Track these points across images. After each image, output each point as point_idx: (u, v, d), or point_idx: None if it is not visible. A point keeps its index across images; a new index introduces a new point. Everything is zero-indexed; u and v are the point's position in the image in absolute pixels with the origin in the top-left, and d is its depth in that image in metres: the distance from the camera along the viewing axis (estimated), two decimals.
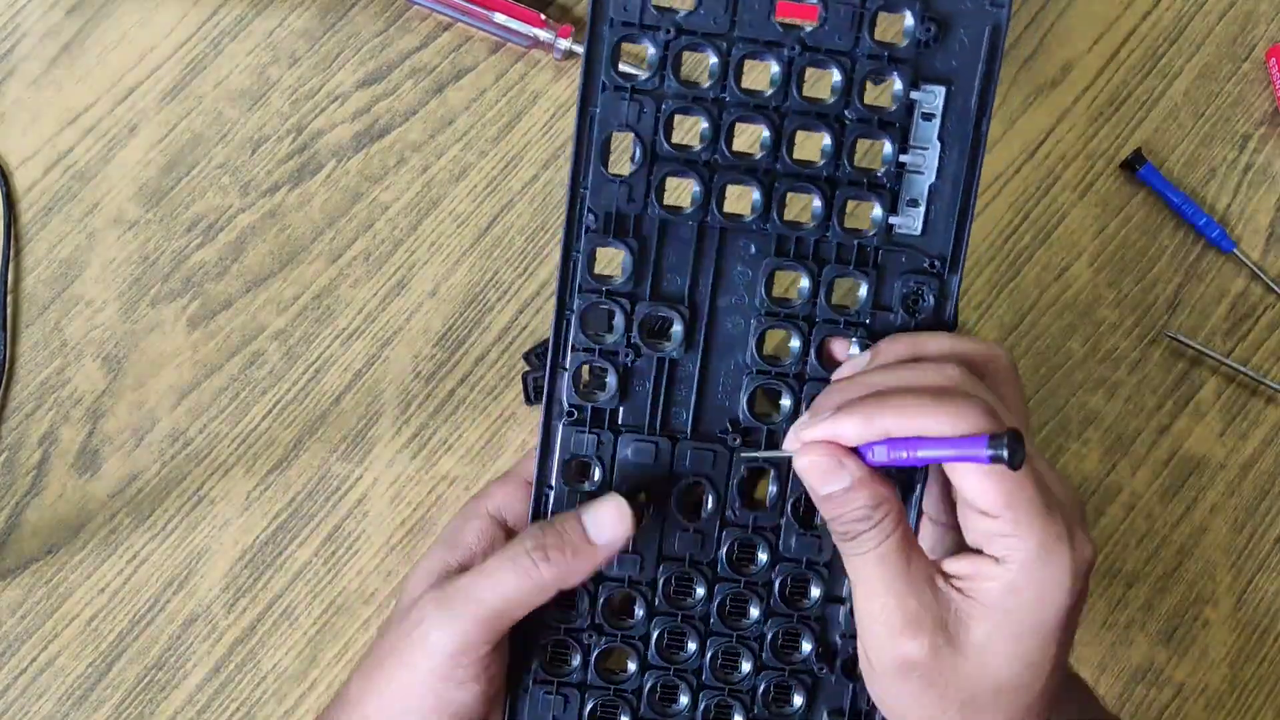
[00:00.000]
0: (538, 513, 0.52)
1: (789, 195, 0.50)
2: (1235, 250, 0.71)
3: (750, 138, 0.50)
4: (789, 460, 0.49)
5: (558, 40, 0.69)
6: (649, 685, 0.53)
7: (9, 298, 0.68)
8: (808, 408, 0.50)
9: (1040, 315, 0.70)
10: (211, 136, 0.70)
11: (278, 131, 0.71)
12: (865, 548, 0.45)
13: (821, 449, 0.45)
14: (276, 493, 0.67)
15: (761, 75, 0.49)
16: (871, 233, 0.50)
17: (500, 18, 0.69)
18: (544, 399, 0.51)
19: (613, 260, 0.51)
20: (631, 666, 0.53)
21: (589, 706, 0.53)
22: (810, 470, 0.46)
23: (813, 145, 0.50)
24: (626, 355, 0.51)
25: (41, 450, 0.67)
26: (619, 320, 0.51)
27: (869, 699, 0.51)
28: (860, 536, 0.45)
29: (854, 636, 0.49)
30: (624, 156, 0.50)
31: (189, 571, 0.66)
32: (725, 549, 0.52)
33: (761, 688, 0.53)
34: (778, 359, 0.51)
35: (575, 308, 0.50)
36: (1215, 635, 0.68)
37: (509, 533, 0.53)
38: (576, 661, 0.52)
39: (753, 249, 0.50)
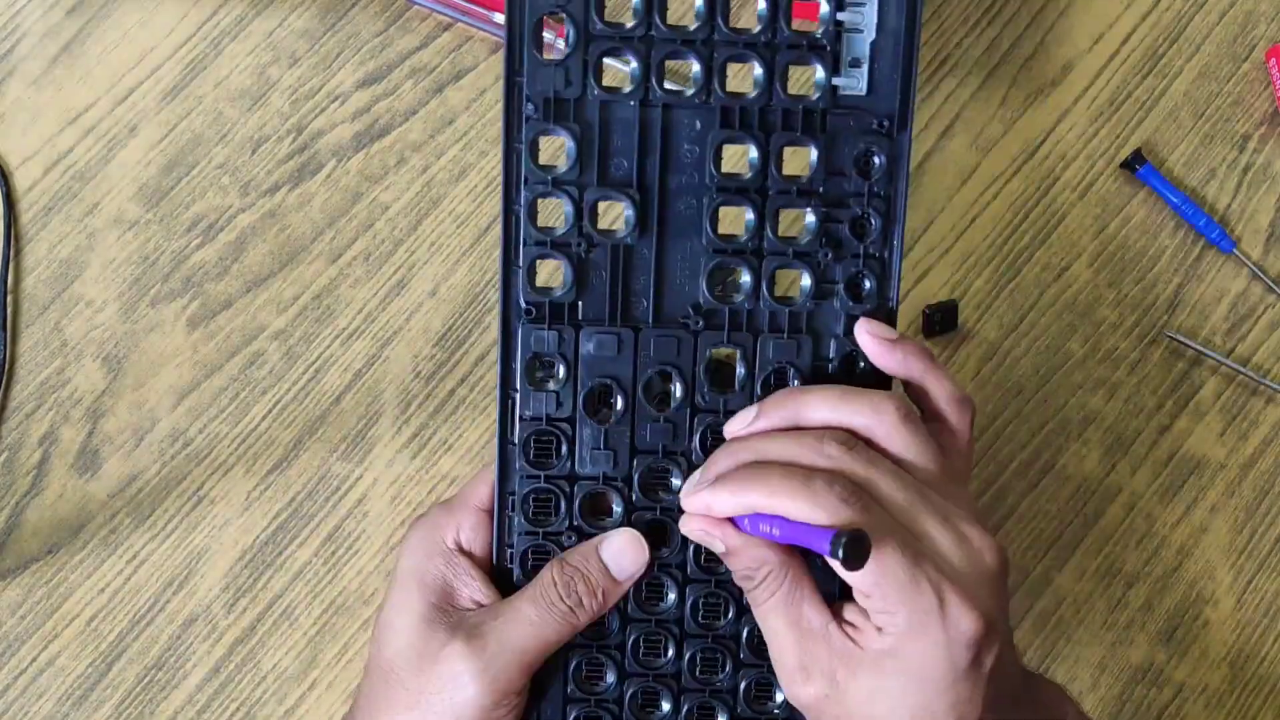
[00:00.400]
0: (505, 422, 0.51)
1: (729, 65, 0.49)
2: (1235, 250, 0.71)
3: (685, 7, 0.49)
4: (756, 342, 0.50)
5: (557, 41, 0.69)
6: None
7: (9, 298, 0.68)
8: (767, 285, 0.50)
9: (1040, 315, 0.70)
10: (211, 136, 0.70)
11: (278, 131, 0.71)
12: (758, 600, 0.48)
13: (697, 520, 0.48)
14: (276, 493, 0.67)
15: None
16: (815, 96, 0.49)
17: (500, 18, 0.69)
18: (500, 298, 0.50)
19: (557, 149, 0.50)
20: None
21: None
22: (691, 537, 0.49)
23: (749, 12, 0.49)
24: (579, 245, 0.50)
25: (41, 450, 0.67)
26: (568, 209, 0.49)
27: None
28: (751, 591, 0.48)
29: None
30: (559, 41, 0.49)
31: (189, 571, 0.66)
32: (698, 437, 0.51)
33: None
34: (734, 236, 0.50)
35: (522, 200, 0.49)
36: (1215, 635, 0.68)
37: (472, 559, 0.52)
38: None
39: (698, 124, 0.49)
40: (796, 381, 0.51)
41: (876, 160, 0.50)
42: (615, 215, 0.50)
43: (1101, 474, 0.69)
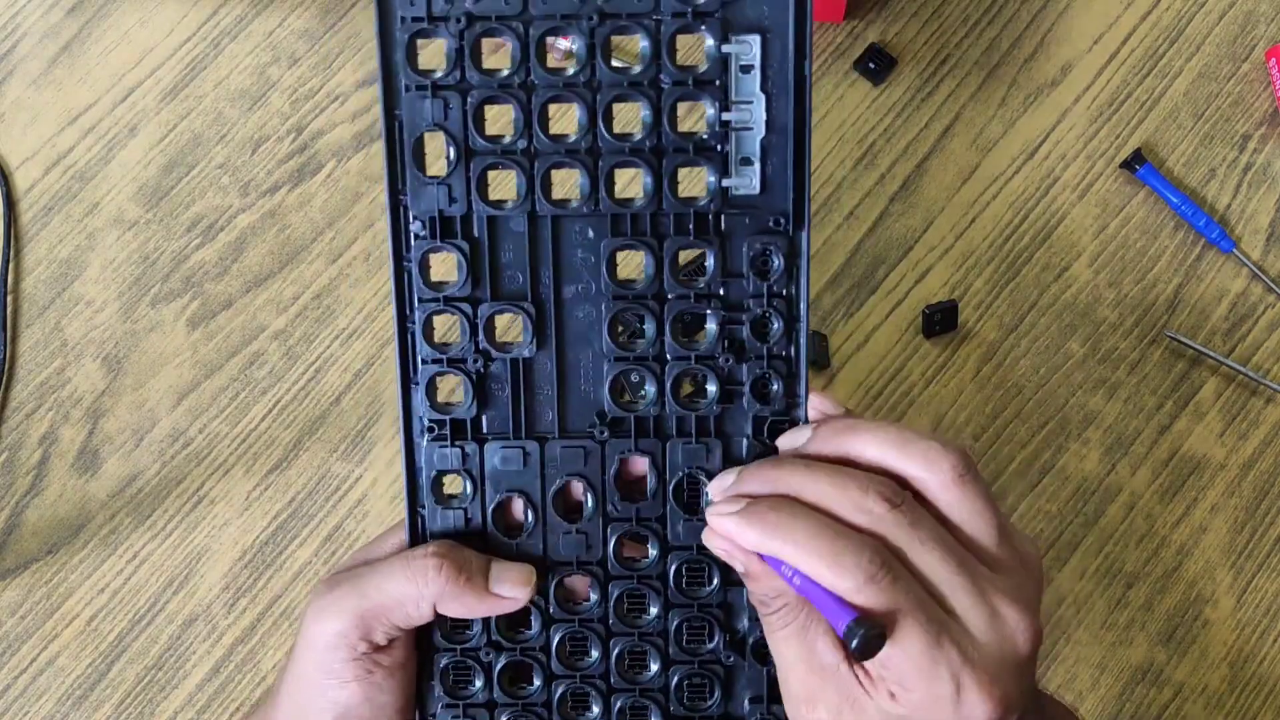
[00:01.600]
0: (414, 538, 0.50)
1: (615, 172, 0.48)
2: (1235, 250, 0.71)
3: (566, 118, 0.48)
4: (665, 447, 0.50)
5: (557, 41, 0.69)
6: (558, 695, 0.51)
7: (9, 298, 0.68)
8: (671, 389, 0.49)
9: (1040, 315, 0.70)
10: (211, 136, 0.70)
11: (278, 131, 0.71)
12: (772, 627, 0.47)
13: (722, 541, 0.47)
14: (276, 493, 0.67)
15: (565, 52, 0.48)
16: (706, 200, 0.48)
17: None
18: (401, 417, 0.49)
19: (449, 265, 0.49)
20: (536, 680, 0.51)
21: None
22: (714, 550, 0.48)
23: (631, 116, 0.48)
24: (476, 362, 0.49)
25: (41, 450, 0.67)
26: (463, 326, 0.49)
27: None
28: (766, 616, 0.47)
29: (757, 620, 0.49)
30: (440, 157, 0.48)
31: (189, 571, 0.66)
32: (612, 545, 0.50)
33: (674, 683, 0.51)
34: (633, 342, 0.50)
35: (417, 319, 0.49)
36: (1215, 635, 0.68)
37: (389, 667, 0.51)
38: (479, 682, 0.51)
39: (590, 232, 0.49)
40: (706, 490, 0.50)
41: (774, 261, 0.49)
42: (513, 328, 0.50)
43: (1101, 474, 0.69)
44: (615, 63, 0.47)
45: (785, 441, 0.50)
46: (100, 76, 0.71)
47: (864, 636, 0.42)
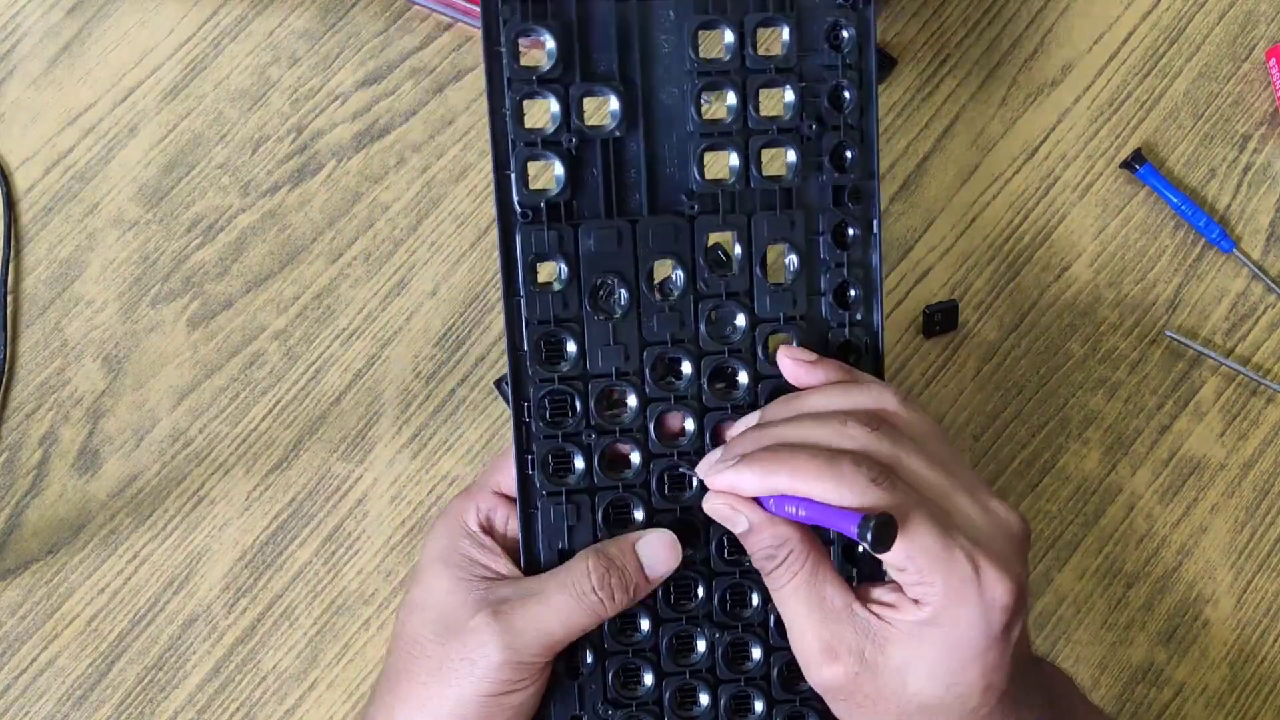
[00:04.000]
0: (511, 326, 0.51)
1: None
2: (1235, 250, 0.71)
3: None
4: (750, 221, 0.52)
5: None
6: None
7: (9, 298, 0.68)
8: (755, 163, 0.51)
9: (1040, 315, 0.70)
10: (211, 136, 0.70)
11: (278, 131, 0.71)
12: (779, 582, 0.49)
13: (721, 497, 0.49)
14: (276, 493, 0.67)
15: None
16: None
17: None
18: (496, 204, 0.50)
19: (539, 53, 0.50)
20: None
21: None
22: (713, 514, 0.50)
23: None
24: (570, 142, 0.50)
25: (41, 450, 0.67)
26: (555, 108, 0.50)
27: None
28: (772, 572, 0.49)
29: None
30: None
31: (189, 571, 0.66)
32: (704, 324, 0.52)
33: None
34: (719, 120, 0.51)
35: (508, 103, 0.50)
36: (1215, 635, 0.68)
37: (493, 534, 0.53)
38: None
39: (671, 14, 0.50)
40: (793, 258, 0.52)
41: (845, 34, 0.51)
42: (601, 110, 0.51)
43: (1101, 474, 0.69)
44: None
45: (736, 429, 0.52)
46: (100, 76, 0.71)
47: (877, 524, 0.43)
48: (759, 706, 0.53)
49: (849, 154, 0.52)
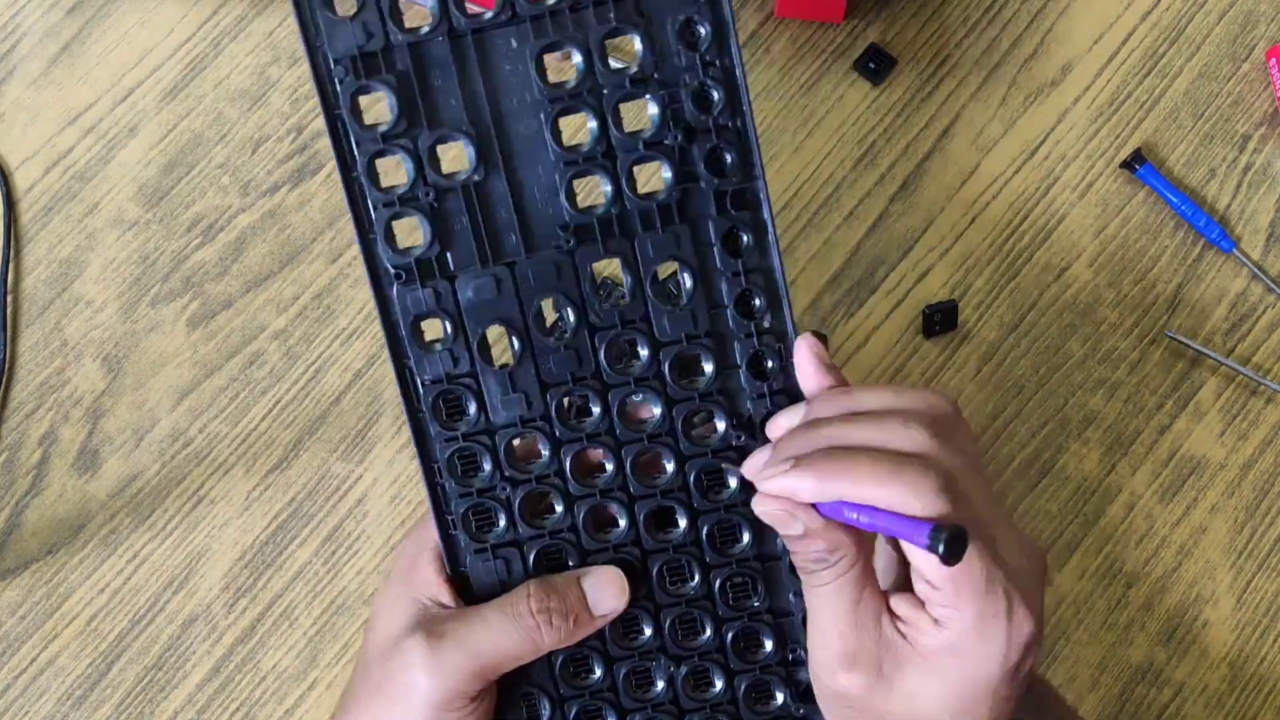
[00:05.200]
0: (405, 390, 0.49)
1: None
2: (1235, 250, 0.71)
3: None
4: (634, 244, 0.49)
5: None
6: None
7: (9, 298, 0.68)
8: (627, 184, 0.49)
9: (1040, 315, 0.70)
10: (211, 136, 0.70)
11: (278, 131, 0.71)
12: (820, 581, 0.47)
13: (776, 502, 0.46)
14: (276, 493, 0.67)
15: None
16: None
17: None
18: (367, 271, 0.48)
19: (380, 105, 0.48)
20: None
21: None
22: (767, 518, 0.47)
23: None
24: (428, 195, 0.48)
25: (41, 450, 0.67)
26: (407, 164, 0.48)
27: None
28: (817, 573, 0.47)
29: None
30: None
31: (189, 571, 0.66)
32: (603, 353, 0.50)
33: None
34: (580, 145, 0.49)
35: (360, 167, 0.48)
36: (1215, 635, 0.68)
37: None
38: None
39: (513, 42, 0.48)
40: (685, 276, 0.50)
41: (701, 30, 0.48)
42: (457, 156, 0.49)
43: (1101, 474, 0.69)
44: None
45: (781, 420, 0.50)
46: (100, 76, 0.71)
47: (950, 535, 0.42)
48: None
49: (727, 157, 0.49)
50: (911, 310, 0.70)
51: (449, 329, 0.49)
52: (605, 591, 0.50)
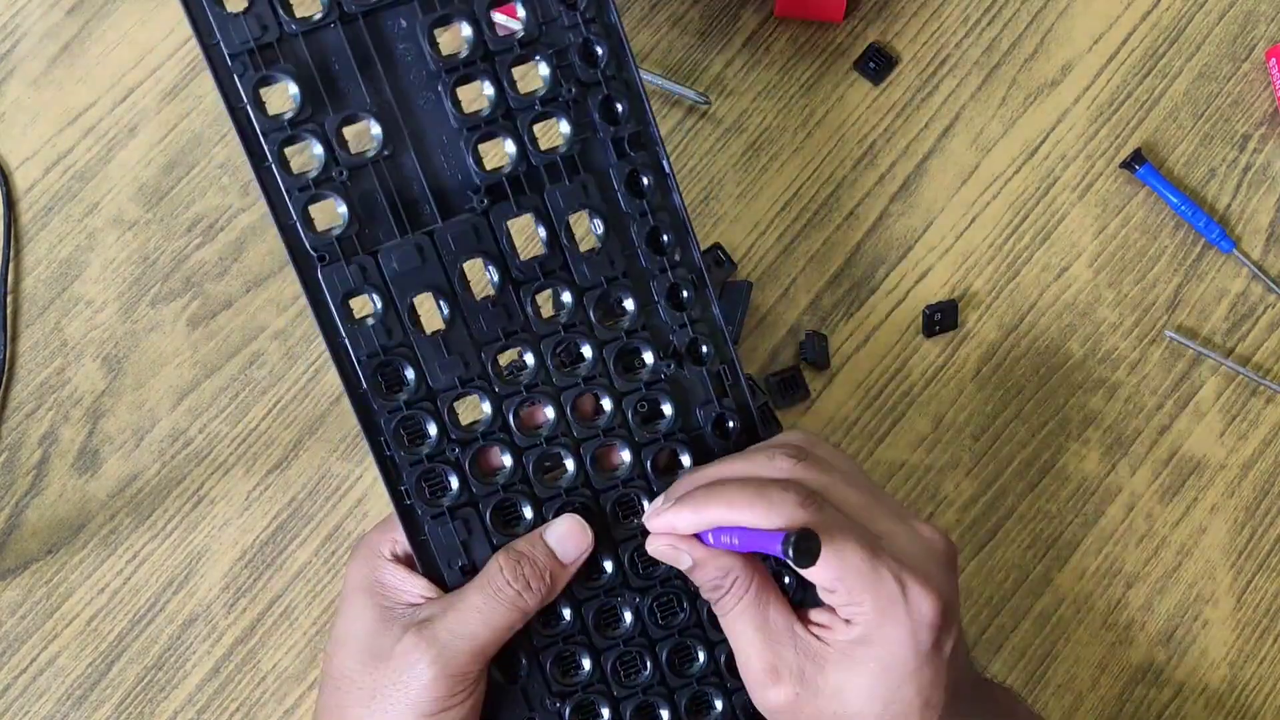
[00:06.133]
0: (344, 372, 0.50)
1: None
2: (1235, 250, 0.71)
3: None
4: (543, 197, 0.51)
5: None
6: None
7: (9, 298, 0.68)
8: (530, 141, 0.51)
9: (1040, 315, 0.70)
10: (211, 136, 0.70)
11: None
12: (725, 609, 0.50)
13: (663, 539, 0.50)
14: (276, 493, 0.67)
15: None
16: None
17: (500, 16, 0.69)
18: (289, 257, 0.50)
19: (284, 95, 0.50)
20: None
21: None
22: (659, 555, 0.51)
23: None
24: (341, 175, 0.50)
25: (41, 450, 0.67)
26: (315, 148, 0.49)
27: None
28: (719, 601, 0.50)
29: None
30: None
31: (189, 571, 0.66)
32: (529, 306, 0.52)
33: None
34: (479, 111, 0.51)
35: (271, 156, 0.49)
36: (1215, 635, 0.68)
37: (411, 564, 0.53)
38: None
39: (403, 22, 0.50)
40: (597, 222, 0.52)
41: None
42: (363, 135, 0.50)
43: (1101, 474, 0.69)
44: None
45: (651, 511, 0.52)
46: (100, 76, 0.71)
47: (798, 539, 0.44)
48: (701, 655, 0.54)
49: (619, 106, 0.52)
50: (911, 310, 0.70)
51: (378, 303, 0.51)
52: (569, 540, 0.52)
